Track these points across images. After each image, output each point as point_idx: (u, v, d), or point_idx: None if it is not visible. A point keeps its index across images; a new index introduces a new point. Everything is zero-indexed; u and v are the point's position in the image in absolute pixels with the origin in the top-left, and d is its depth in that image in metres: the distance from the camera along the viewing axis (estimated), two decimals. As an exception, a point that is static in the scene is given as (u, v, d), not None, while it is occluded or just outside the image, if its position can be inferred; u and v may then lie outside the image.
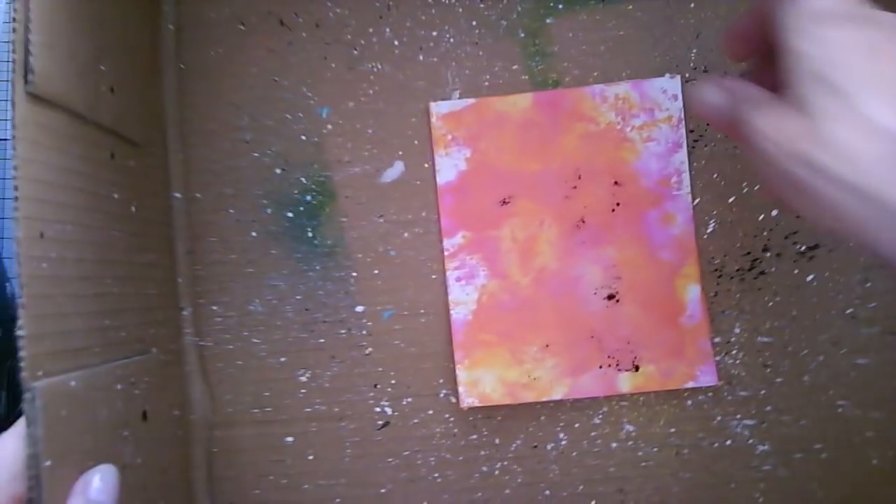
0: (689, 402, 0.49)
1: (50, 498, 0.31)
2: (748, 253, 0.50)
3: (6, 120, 0.32)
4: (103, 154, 0.40)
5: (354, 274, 0.50)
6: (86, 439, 0.34)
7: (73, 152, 0.36)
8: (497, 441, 0.50)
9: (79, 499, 0.32)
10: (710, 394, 0.49)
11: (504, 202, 0.50)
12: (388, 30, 0.51)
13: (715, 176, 0.50)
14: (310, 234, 0.51)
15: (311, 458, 0.50)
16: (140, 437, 0.40)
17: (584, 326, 0.49)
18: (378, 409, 0.50)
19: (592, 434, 0.50)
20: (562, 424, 0.50)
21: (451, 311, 0.50)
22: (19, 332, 0.31)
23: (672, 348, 0.49)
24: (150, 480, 0.42)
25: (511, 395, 0.49)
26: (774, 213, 0.49)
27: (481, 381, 0.49)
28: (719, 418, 0.49)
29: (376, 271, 0.50)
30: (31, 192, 0.32)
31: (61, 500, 0.32)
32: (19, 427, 0.31)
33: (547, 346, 0.49)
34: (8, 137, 0.31)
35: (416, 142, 0.51)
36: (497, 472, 0.50)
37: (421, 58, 0.51)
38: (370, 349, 0.50)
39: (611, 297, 0.49)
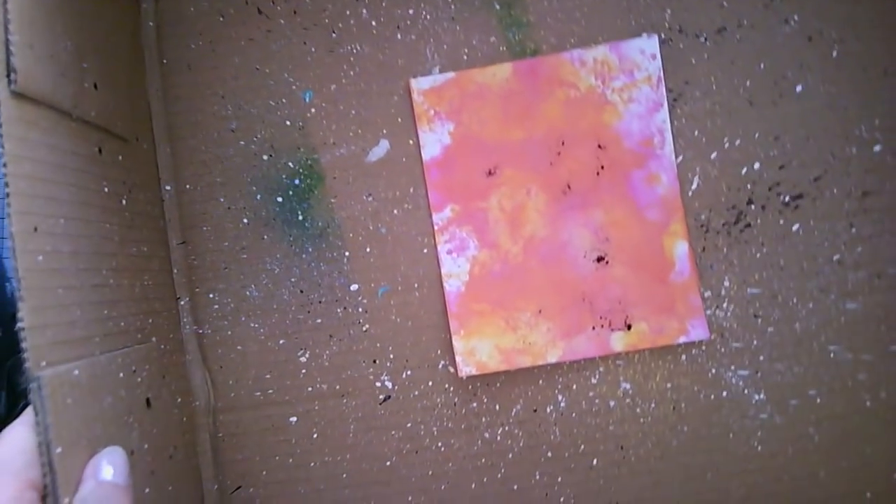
0: (684, 357, 0.50)
1: (63, 482, 0.31)
2: (733, 207, 0.50)
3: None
4: (91, 149, 0.41)
5: (347, 253, 0.51)
6: (93, 426, 0.35)
7: (61, 148, 0.37)
8: (497, 407, 0.51)
9: (90, 481, 0.33)
10: (704, 347, 0.50)
11: (490, 173, 0.50)
12: (364, 11, 0.51)
13: (696, 133, 0.50)
14: (300, 217, 0.51)
15: (315, 436, 0.51)
16: (145, 423, 0.41)
17: (576, 289, 0.50)
18: (379, 384, 0.51)
19: (590, 394, 0.50)
20: (559, 387, 0.50)
21: (445, 284, 0.50)
22: (20, 325, 0.31)
23: (663, 305, 0.49)
24: (158, 466, 0.42)
25: (507, 362, 0.50)
26: (757, 165, 0.50)
27: (478, 350, 0.50)
28: (714, 371, 0.50)
29: (368, 249, 0.51)
30: (23, 187, 0.33)
31: (74, 483, 0.33)
32: (27, 416, 0.32)
33: (540, 311, 0.50)
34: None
35: (399, 119, 0.51)
36: (499, 438, 0.51)
37: (399, 36, 0.51)
38: (367, 326, 0.51)
39: (600, 259, 0.50)
